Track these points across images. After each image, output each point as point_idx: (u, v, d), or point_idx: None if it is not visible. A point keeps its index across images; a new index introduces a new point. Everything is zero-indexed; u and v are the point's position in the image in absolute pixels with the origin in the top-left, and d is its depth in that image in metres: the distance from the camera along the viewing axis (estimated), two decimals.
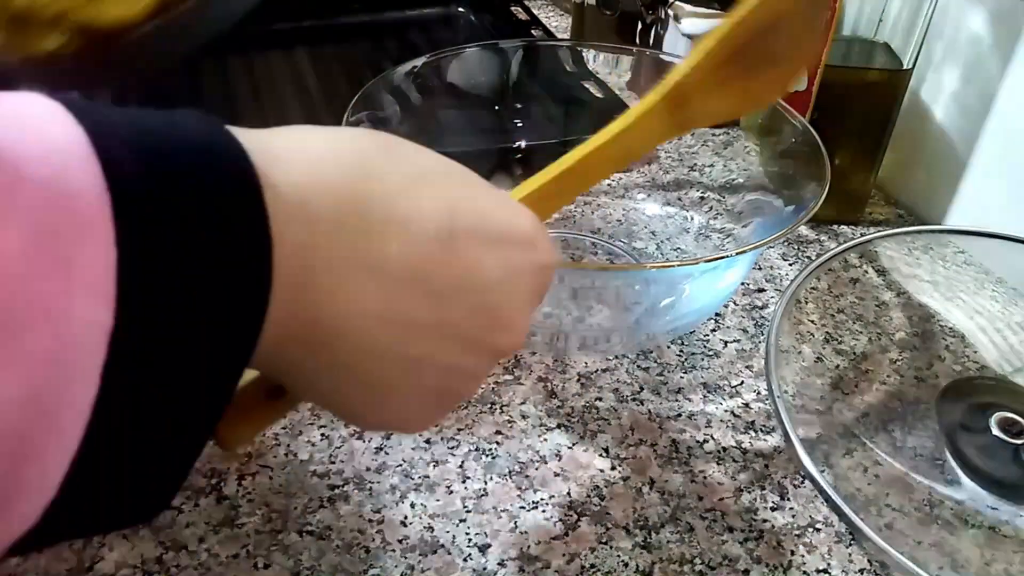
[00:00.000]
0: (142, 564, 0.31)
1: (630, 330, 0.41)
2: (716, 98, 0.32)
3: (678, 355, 0.41)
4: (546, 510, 0.33)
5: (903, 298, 0.44)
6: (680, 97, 0.31)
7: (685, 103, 0.31)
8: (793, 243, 0.50)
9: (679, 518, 0.33)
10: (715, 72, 0.31)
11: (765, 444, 0.37)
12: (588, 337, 0.40)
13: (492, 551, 0.32)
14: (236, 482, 0.34)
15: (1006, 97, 0.46)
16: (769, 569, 0.32)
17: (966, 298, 0.43)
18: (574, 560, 0.32)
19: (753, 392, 0.40)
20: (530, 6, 0.73)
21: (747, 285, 0.46)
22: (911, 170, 0.54)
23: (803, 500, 0.35)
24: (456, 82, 0.47)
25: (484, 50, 0.49)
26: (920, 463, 0.36)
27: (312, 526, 0.32)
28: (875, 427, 0.37)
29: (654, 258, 0.48)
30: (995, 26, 0.46)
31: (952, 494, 0.34)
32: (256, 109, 0.61)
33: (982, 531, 0.33)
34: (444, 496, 0.34)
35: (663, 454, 0.36)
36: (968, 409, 0.37)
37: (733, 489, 0.35)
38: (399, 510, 0.33)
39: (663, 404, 0.39)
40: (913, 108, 0.52)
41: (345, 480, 0.34)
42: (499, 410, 0.38)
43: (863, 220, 0.53)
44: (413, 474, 0.34)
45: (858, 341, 0.41)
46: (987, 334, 0.42)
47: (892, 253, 0.44)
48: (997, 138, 0.47)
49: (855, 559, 0.32)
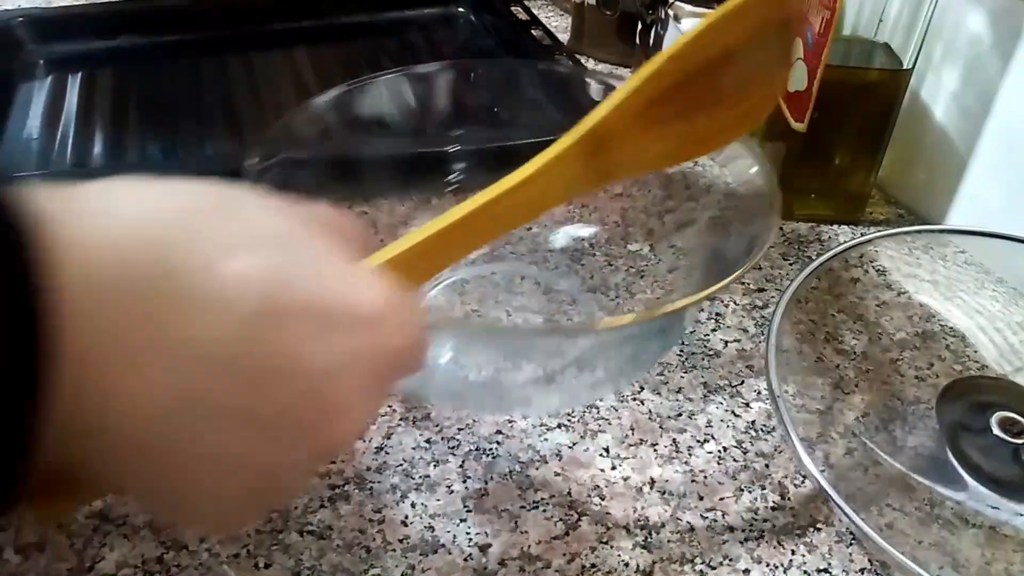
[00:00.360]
0: (143, 564, 0.31)
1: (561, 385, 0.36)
2: (648, 143, 0.27)
3: (678, 355, 0.41)
4: (546, 510, 0.33)
5: (903, 298, 0.44)
6: (599, 142, 0.26)
7: (605, 149, 0.27)
8: (793, 243, 0.50)
9: (680, 517, 0.34)
10: (644, 114, 0.27)
11: (765, 444, 0.37)
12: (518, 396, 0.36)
13: (493, 551, 0.32)
14: None
15: (1006, 97, 0.46)
16: (769, 569, 0.32)
17: (966, 298, 0.43)
18: (575, 560, 0.32)
19: (753, 392, 0.40)
20: (530, 6, 0.73)
21: (747, 285, 0.47)
22: (911, 170, 0.54)
23: (803, 500, 0.35)
24: (380, 111, 0.43)
25: (404, 76, 0.43)
26: (920, 463, 0.36)
27: (313, 526, 0.32)
28: (875, 427, 0.37)
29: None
30: (995, 26, 0.46)
31: (952, 494, 0.34)
32: (256, 109, 0.61)
33: (982, 531, 0.33)
34: (445, 496, 0.34)
35: (663, 454, 0.36)
36: (968, 409, 0.37)
37: (733, 489, 0.35)
38: (400, 510, 0.33)
39: (663, 404, 0.39)
40: (913, 108, 0.52)
41: (346, 480, 0.34)
42: None
43: (863, 220, 0.53)
44: (414, 474, 0.35)
45: (858, 341, 0.41)
46: (987, 334, 0.42)
47: (892, 253, 0.44)
48: (997, 138, 0.48)
49: (855, 559, 0.32)
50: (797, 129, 0.49)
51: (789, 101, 0.50)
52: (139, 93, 0.62)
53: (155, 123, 0.58)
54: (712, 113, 0.28)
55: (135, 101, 0.61)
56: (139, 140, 0.56)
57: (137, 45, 0.67)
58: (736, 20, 0.26)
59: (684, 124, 0.28)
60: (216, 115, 0.60)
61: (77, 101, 0.60)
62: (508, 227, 0.27)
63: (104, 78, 0.63)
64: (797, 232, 0.51)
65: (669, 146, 0.28)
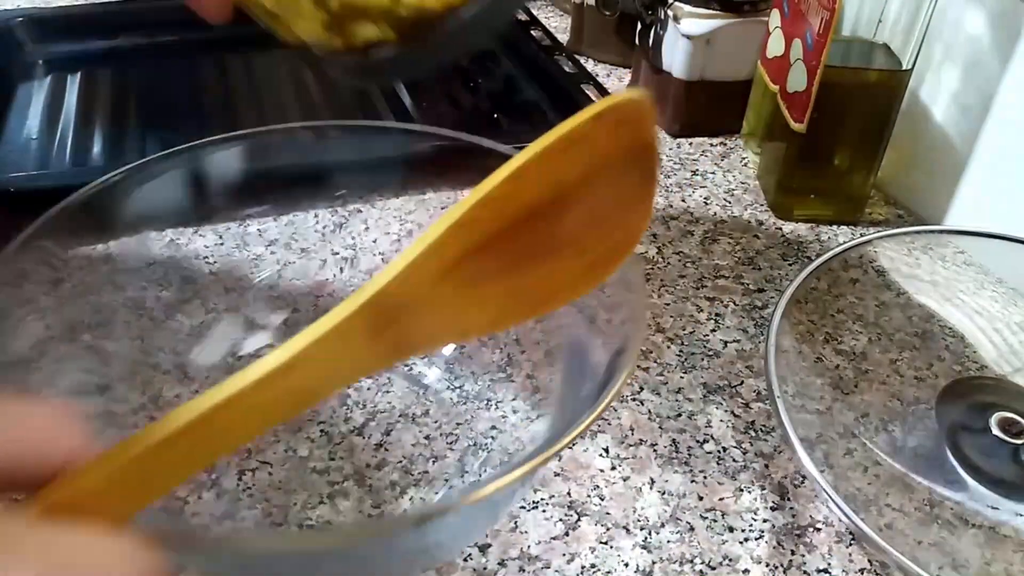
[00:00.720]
0: None
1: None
2: (464, 307, 0.22)
3: (678, 355, 0.41)
4: (546, 510, 0.33)
5: (903, 298, 0.44)
6: (388, 313, 0.20)
7: (398, 320, 0.21)
8: (793, 243, 0.50)
9: (679, 518, 0.33)
10: (453, 272, 0.21)
11: (765, 444, 0.37)
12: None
13: (492, 551, 0.32)
14: (236, 477, 0.34)
15: (1005, 98, 0.47)
16: (769, 569, 0.32)
17: (966, 298, 0.43)
18: (574, 560, 0.32)
19: (753, 392, 0.40)
20: (530, 7, 0.73)
21: (746, 285, 0.47)
22: (911, 170, 0.54)
23: (803, 500, 0.35)
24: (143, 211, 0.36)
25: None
26: (920, 463, 0.36)
27: (312, 522, 0.32)
28: (875, 427, 0.37)
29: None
30: (994, 26, 0.46)
31: (952, 494, 0.34)
32: (256, 109, 0.61)
33: (982, 531, 0.33)
34: (444, 493, 0.34)
35: (663, 454, 0.36)
36: (968, 409, 0.37)
37: (733, 489, 0.35)
38: (398, 506, 0.33)
39: (663, 404, 0.39)
40: (913, 108, 0.52)
41: (345, 476, 0.34)
42: (494, 407, 0.38)
43: (862, 221, 0.53)
44: (413, 470, 0.34)
45: (858, 341, 0.41)
46: (987, 334, 0.42)
47: (892, 253, 0.44)
48: (997, 138, 0.48)
49: (855, 559, 0.32)
50: (796, 130, 0.49)
51: (789, 102, 0.50)
52: (138, 93, 0.62)
53: (154, 123, 0.58)
54: (551, 265, 0.23)
55: (134, 101, 0.61)
56: (138, 140, 0.56)
57: (137, 45, 0.67)
58: (568, 152, 0.21)
59: (513, 280, 0.22)
60: (216, 115, 0.60)
61: (76, 101, 0.60)
62: (265, 426, 0.20)
63: (103, 78, 0.63)
64: (796, 232, 0.51)
65: (494, 309, 0.23)
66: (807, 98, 0.47)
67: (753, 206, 0.54)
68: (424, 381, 0.38)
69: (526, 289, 0.23)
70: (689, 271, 0.47)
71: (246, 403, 0.19)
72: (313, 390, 0.21)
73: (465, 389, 0.38)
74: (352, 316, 0.20)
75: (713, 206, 0.53)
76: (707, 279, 0.47)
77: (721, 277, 0.47)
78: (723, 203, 0.54)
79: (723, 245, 0.50)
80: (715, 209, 0.53)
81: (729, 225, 0.52)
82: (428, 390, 0.38)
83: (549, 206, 0.21)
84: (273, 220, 0.42)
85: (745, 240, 0.50)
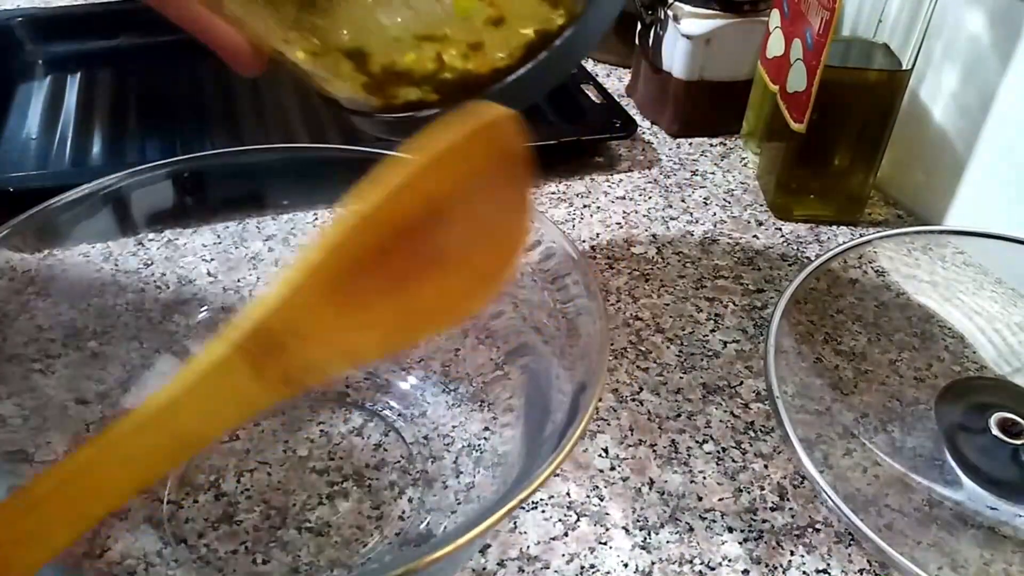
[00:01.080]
0: (144, 556, 0.31)
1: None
2: (351, 330, 0.22)
3: (677, 355, 0.41)
4: (545, 510, 0.33)
5: (902, 299, 0.44)
6: (271, 343, 0.20)
7: (283, 350, 0.20)
8: (792, 244, 0.50)
9: (679, 518, 0.33)
10: (334, 295, 0.20)
11: (765, 444, 0.37)
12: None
13: (492, 551, 0.32)
14: (235, 479, 0.34)
15: (1005, 97, 0.47)
16: (769, 569, 0.32)
17: (965, 298, 0.43)
18: (573, 560, 0.32)
19: (753, 392, 0.40)
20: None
21: (746, 286, 0.47)
22: (910, 170, 0.54)
23: (803, 500, 0.35)
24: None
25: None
26: (920, 463, 0.36)
27: (311, 523, 0.32)
28: (875, 427, 0.37)
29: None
30: (994, 26, 0.46)
31: (951, 494, 0.34)
32: (256, 109, 0.61)
33: (981, 531, 0.33)
34: (440, 492, 0.34)
35: (663, 454, 0.36)
36: (967, 409, 0.37)
37: (733, 489, 0.35)
38: (397, 506, 0.33)
39: (662, 404, 0.39)
40: (912, 108, 0.52)
41: (344, 477, 0.34)
42: (487, 408, 0.38)
43: (862, 221, 0.53)
44: (411, 470, 0.34)
45: (857, 341, 0.41)
46: (986, 334, 0.42)
47: (891, 254, 0.44)
48: (996, 138, 0.48)
49: (855, 559, 0.32)
50: (796, 130, 0.49)
51: (788, 102, 0.50)
52: (138, 93, 0.62)
53: (154, 123, 0.58)
54: (435, 282, 0.23)
55: (134, 101, 0.61)
56: (138, 140, 0.56)
57: (137, 45, 0.67)
58: (441, 169, 0.21)
59: (399, 300, 0.22)
60: (216, 115, 0.60)
61: (76, 101, 0.60)
62: (141, 480, 0.20)
63: (103, 78, 0.63)
64: (796, 233, 0.51)
65: (383, 331, 0.22)
66: (807, 98, 0.47)
67: (753, 206, 0.54)
68: (422, 382, 0.38)
69: (413, 308, 0.22)
70: (689, 271, 0.47)
71: (123, 452, 0.18)
72: (199, 432, 0.20)
73: (459, 392, 0.38)
74: (230, 353, 0.19)
75: (713, 206, 0.53)
76: (707, 279, 0.47)
77: (721, 277, 0.47)
78: (723, 203, 0.54)
79: (723, 245, 0.50)
80: (715, 209, 0.53)
81: (729, 225, 0.52)
82: (425, 392, 0.38)
83: (425, 223, 0.21)
84: (272, 219, 0.42)
85: (745, 240, 0.50)
